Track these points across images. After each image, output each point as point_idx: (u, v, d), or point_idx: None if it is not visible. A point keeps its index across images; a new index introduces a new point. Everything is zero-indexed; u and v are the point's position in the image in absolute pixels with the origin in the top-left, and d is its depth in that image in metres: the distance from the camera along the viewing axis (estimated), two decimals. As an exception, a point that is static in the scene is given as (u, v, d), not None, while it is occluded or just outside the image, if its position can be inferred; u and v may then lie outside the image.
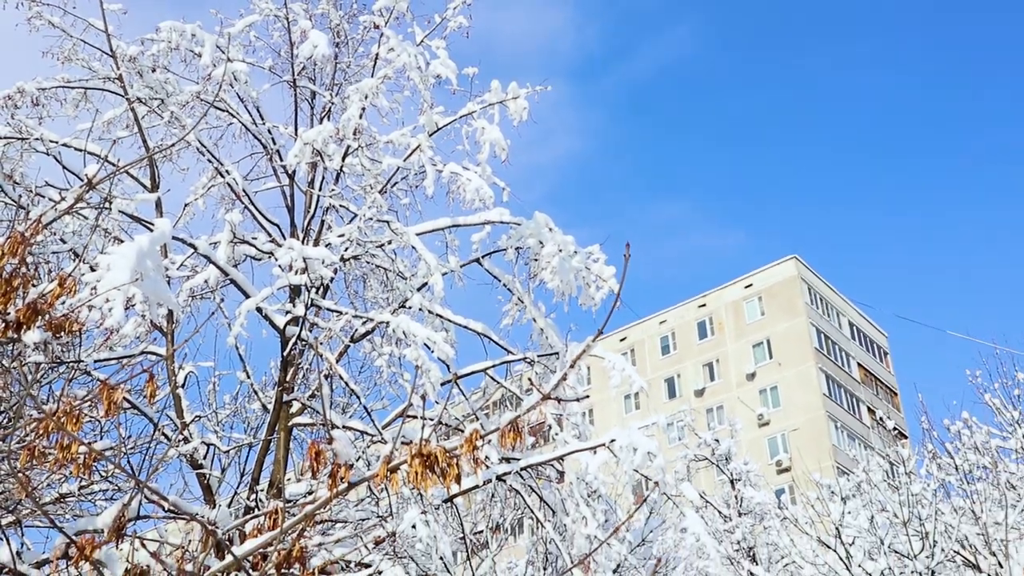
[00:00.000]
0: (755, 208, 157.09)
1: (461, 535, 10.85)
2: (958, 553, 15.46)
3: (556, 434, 9.78)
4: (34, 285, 5.34)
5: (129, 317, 10.35)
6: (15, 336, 5.16)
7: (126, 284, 5.80)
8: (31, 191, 10.02)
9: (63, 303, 5.46)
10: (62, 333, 5.55)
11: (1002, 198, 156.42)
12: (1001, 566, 13.80)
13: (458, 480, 4.26)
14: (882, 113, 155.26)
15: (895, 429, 26.35)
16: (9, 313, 4.72)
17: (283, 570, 4.22)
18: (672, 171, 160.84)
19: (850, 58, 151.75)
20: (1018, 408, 17.07)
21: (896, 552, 14.73)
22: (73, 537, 4.11)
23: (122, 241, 8.93)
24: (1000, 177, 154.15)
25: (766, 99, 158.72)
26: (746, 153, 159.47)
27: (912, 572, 14.17)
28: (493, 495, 13.10)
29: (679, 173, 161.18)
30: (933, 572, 14.23)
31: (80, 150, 10.30)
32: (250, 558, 4.35)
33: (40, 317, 5.04)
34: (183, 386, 10.51)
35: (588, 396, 9.64)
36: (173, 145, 10.31)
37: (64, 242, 9.98)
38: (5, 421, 6.49)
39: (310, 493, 9.35)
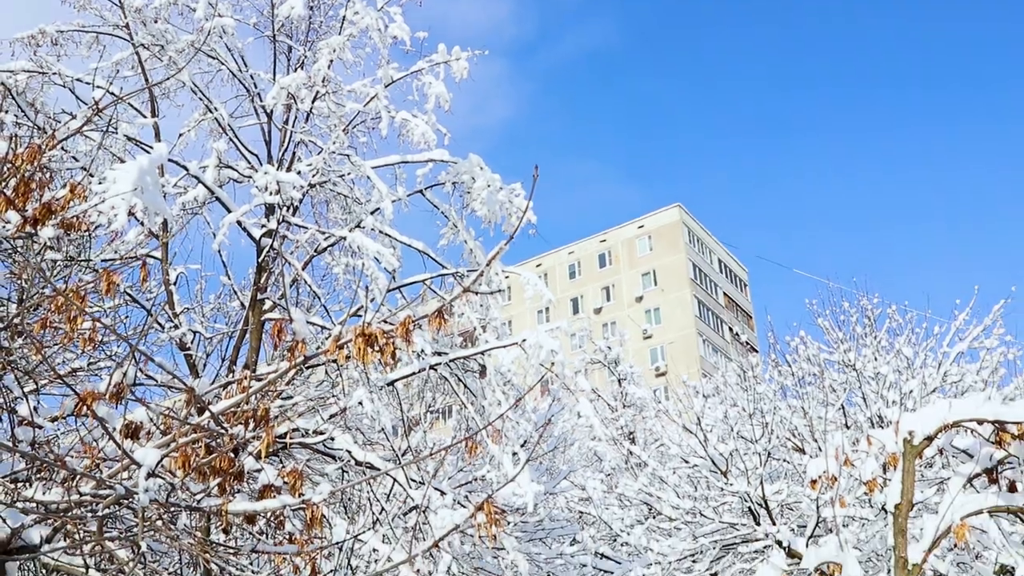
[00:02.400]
0: (649, 167, 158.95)
1: (400, 413, 10.91)
2: (789, 439, 15.89)
3: (480, 336, 9.86)
4: (49, 190, 5.22)
5: (131, 226, 10.20)
6: (33, 231, 5.05)
7: (128, 194, 5.69)
8: (49, 117, 9.81)
9: (74, 206, 5.35)
10: (72, 231, 5.44)
11: (854, 158, 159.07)
12: (820, 449, 14.21)
13: (393, 357, 4.28)
14: (760, 94, 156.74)
15: (748, 344, 26.89)
16: (27, 210, 4.61)
17: (249, 426, 4.25)
18: (584, 137, 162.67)
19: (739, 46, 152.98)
20: (842, 330, 17.45)
21: (743, 438, 15.06)
22: (80, 394, 4.07)
23: (125, 161, 8.76)
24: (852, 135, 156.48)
25: (666, 79, 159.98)
26: (644, 123, 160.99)
27: (754, 453, 14.52)
28: (427, 382, 13.17)
29: (590, 138, 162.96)
30: (769, 453, 14.58)
31: (91, 84, 10.09)
32: (223, 417, 4.35)
33: (54, 216, 4.94)
34: (175, 284, 10.41)
35: (501, 291, 9.69)
36: (169, 78, 10.07)
37: (76, 160, 9.79)
38: (25, 305, 6.37)
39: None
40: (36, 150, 4.66)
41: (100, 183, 6.03)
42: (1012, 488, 7.24)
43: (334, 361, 9.84)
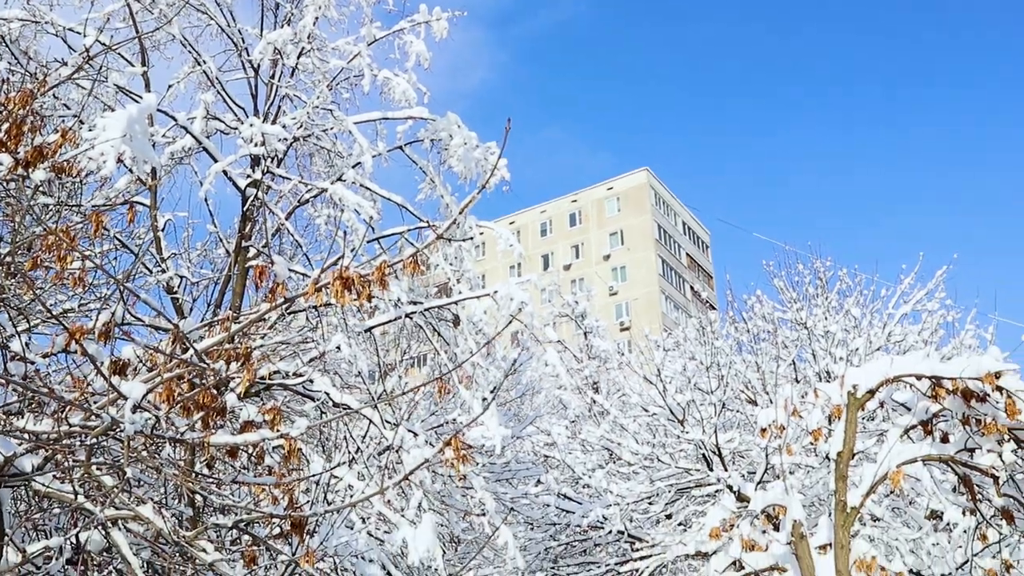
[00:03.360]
0: (620, 134, 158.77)
1: (377, 359, 10.92)
2: (743, 391, 16.07)
3: (454, 288, 9.87)
4: (41, 135, 5.14)
5: (121, 173, 10.07)
6: (25, 173, 4.98)
7: (117, 140, 5.61)
8: (42, 66, 9.61)
9: (65, 151, 5.27)
10: (63, 175, 5.37)
11: (815, 125, 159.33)
12: (771, 401, 14.41)
13: (369, 300, 4.28)
14: (727, 64, 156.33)
15: (707, 302, 27.04)
16: (19, 153, 4.54)
17: (230, 364, 4.25)
18: (556, 105, 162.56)
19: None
20: (796, 290, 17.58)
21: (699, 389, 15.21)
22: (70, 328, 4.04)
23: (115, 110, 8.62)
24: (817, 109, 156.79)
25: (633, 51, 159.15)
26: (615, 92, 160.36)
27: (709, 403, 14.69)
28: (403, 329, 13.17)
29: (562, 107, 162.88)
30: (724, 404, 14.75)
31: (82, 34, 9.86)
32: (206, 355, 4.34)
33: (45, 160, 4.87)
34: (163, 230, 10.30)
35: (472, 239, 9.68)
36: (158, 29, 9.89)
37: (68, 108, 9.61)
38: (17, 246, 6.30)
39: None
40: (28, 94, 4.58)
41: (90, 130, 5.95)
42: (945, 439, 7.39)
43: (315, 307, 9.84)
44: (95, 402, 4.49)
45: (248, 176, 9.83)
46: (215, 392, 4.19)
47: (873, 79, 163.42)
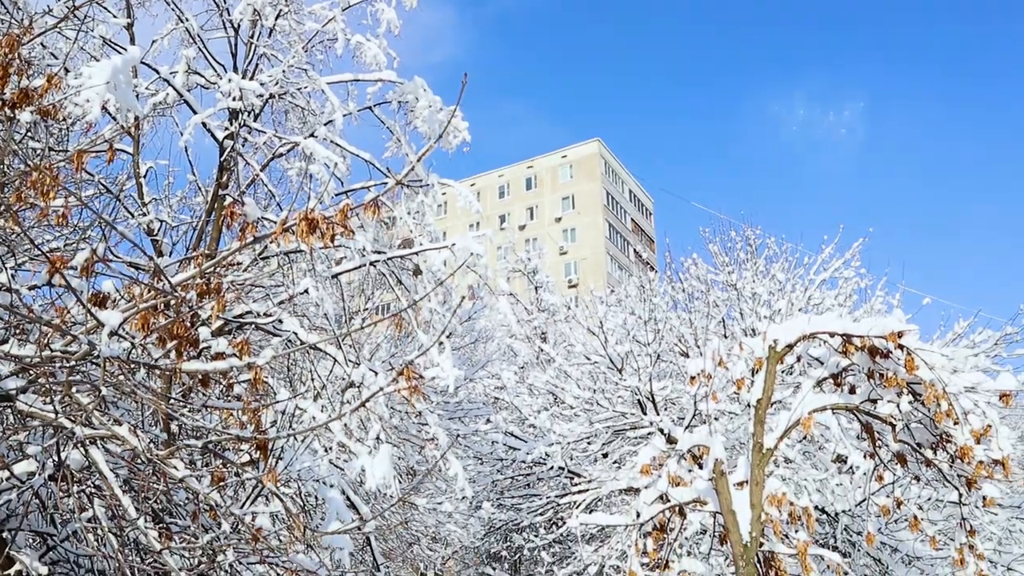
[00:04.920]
0: (574, 108, 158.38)
1: (342, 304, 10.88)
2: (677, 344, 16.29)
3: (416, 241, 9.83)
4: (27, 78, 5.00)
5: (106, 122, 9.84)
6: (11, 115, 4.86)
7: (102, 87, 5.48)
8: (30, 15, 9.30)
9: (51, 95, 5.15)
10: (49, 118, 5.25)
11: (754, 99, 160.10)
12: (701, 354, 14.63)
13: (333, 240, 4.26)
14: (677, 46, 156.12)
15: (648, 264, 27.28)
16: (5, 94, 4.42)
17: (203, 297, 4.22)
18: (518, 79, 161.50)
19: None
20: (728, 255, 17.76)
21: (637, 341, 15.39)
22: (51, 258, 3.98)
23: (100, 61, 8.40)
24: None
25: (593, 31, 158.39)
26: (573, 70, 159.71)
27: (646, 354, 14.87)
28: (367, 277, 13.15)
29: (523, 81, 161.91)
30: (659, 355, 14.96)
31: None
32: (180, 288, 4.31)
33: (31, 102, 4.74)
34: (144, 177, 10.11)
35: (429, 186, 9.61)
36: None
37: (55, 57, 9.32)
38: (3, 184, 6.15)
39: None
40: (14, 39, 4.45)
41: (76, 78, 5.80)
42: (852, 391, 7.59)
43: (286, 254, 9.76)
44: (76, 331, 4.44)
45: (226, 129, 9.66)
46: (188, 324, 4.17)
47: (813, 57, 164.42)
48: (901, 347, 6.87)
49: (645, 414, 15.03)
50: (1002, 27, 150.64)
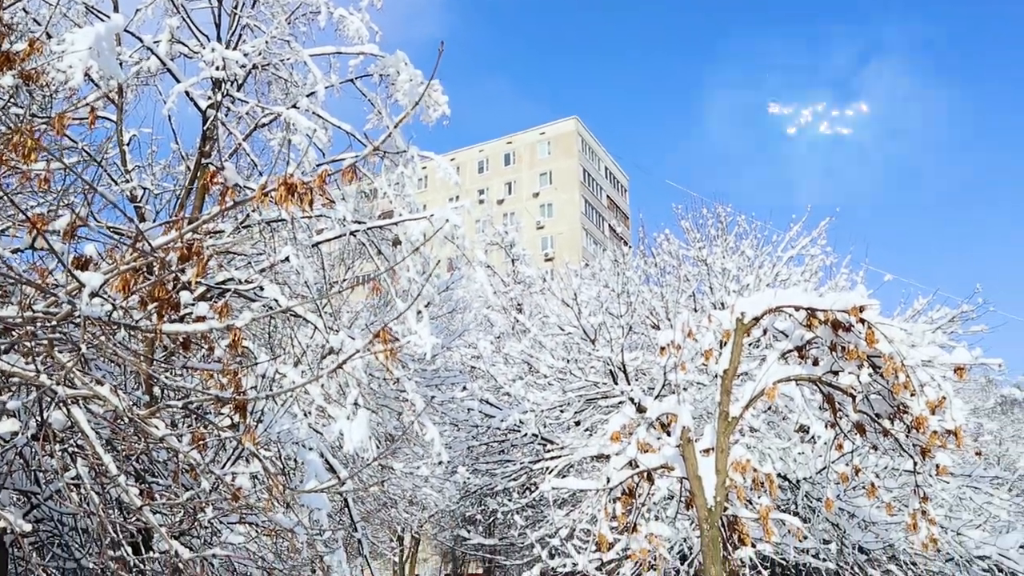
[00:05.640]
0: (553, 88, 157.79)
1: (323, 273, 10.82)
2: (648, 317, 16.37)
3: (395, 212, 9.77)
4: (9, 41, 4.90)
5: (89, 89, 9.65)
6: (-7, 78, 4.76)
7: (84, 53, 5.38)
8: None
9: (33, 60, 5.04)
10: (31, 83, 5.15)
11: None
12: (671, 326, 14.73)
13: (311, 205, 4.21)
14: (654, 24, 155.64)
15: (622, 239, 27.31)
16: (-13, 57, 4.33)
17: (184, 260, 4.17)
18: (499, 59, 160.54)
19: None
20: (700, 231, 17.82)
21: (610, 313, 15.45)
22: (31, 218, 3.91)
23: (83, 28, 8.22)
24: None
25: (578, 16, 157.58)
26: (553, 49, 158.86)
27: (618, 326, 14.94)
28: (347, 246, 13.07)
29: (504, 60, 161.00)
30: (631, 327, 15.03)
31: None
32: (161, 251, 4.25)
33: (12, 66, 4.64)
34: (128, 144, 9.95)
35: (412, 157, 9.52)
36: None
37: (38, 24, 9.11)
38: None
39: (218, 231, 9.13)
40: (-2, 2, 4.35)
41: (59, 44, 5.68)
42: (815, 363, 7.67)
43: (269, 223, 9.67)
44: (58, 293, 4.39)
45: (209, 98, 9.52)
46: (170, 288, 4.12)
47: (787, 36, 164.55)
48: (863, 321, 6.95)
49: (616, 384, 15.12)
50: None
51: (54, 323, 3.81)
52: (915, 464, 7.45)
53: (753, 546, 10.73)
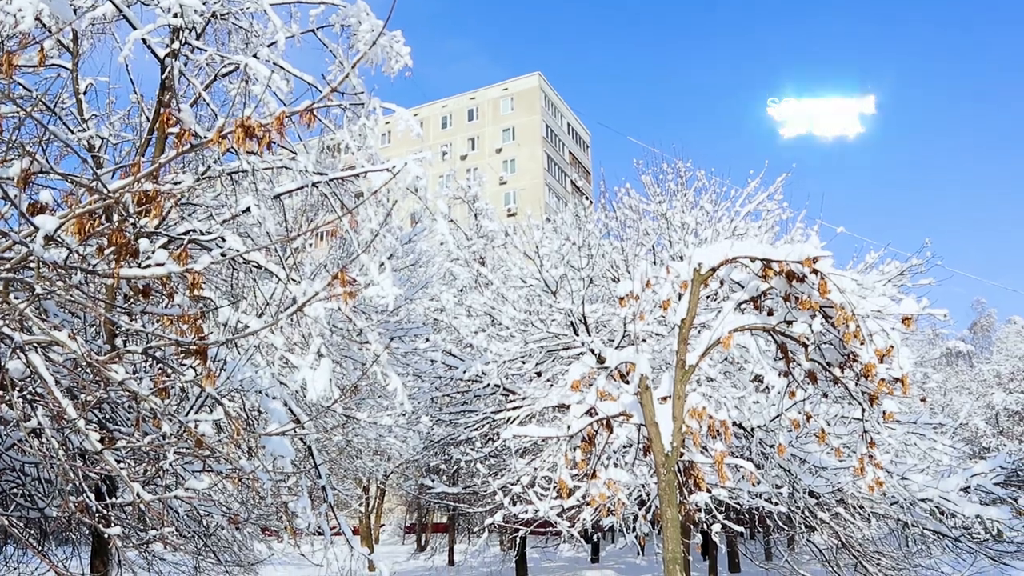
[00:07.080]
0: (516, 46, 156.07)
1: (284, 225, 10.67)
2: (609, 270, 16.45)
3: (358, 163, 9.63)
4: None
5: (43, 36, 9.32)
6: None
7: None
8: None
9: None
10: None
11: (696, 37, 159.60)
12: (631, 278, 14.82)
13: (269, 148, 4.13)
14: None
15: (584, 194, 27.30)
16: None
17: (141, 204, 4.06)
18: (462, 19, 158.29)
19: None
20: (660, 186, 17.87)
21: (571, 266, 15.48)
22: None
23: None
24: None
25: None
26: (516, 3, 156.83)
27: (579, 279, 14.98)
28: (309, 198, 12.91)
29: (466, 20, 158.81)
30: (592, 280, 15.09)
31: None
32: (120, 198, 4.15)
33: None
34: (84, 93, 9.66)
35: (374, 109, 9.36)
36: None
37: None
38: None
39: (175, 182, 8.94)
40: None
41: (10, -12, 5.46)
42: (770, 313, 7.77)
43: (231, 174, 9.49)
44: (12, 238, 4.27)
45: (168, 46, 9.25)
46: (128, 236, 4.03)
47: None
48: (816, 272, 7.04)
49: (577, 335, 15.22)
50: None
51: (8, 267, 3.71)
52: (863, 411, 7.61)
53: (708, 491, 10.97)
